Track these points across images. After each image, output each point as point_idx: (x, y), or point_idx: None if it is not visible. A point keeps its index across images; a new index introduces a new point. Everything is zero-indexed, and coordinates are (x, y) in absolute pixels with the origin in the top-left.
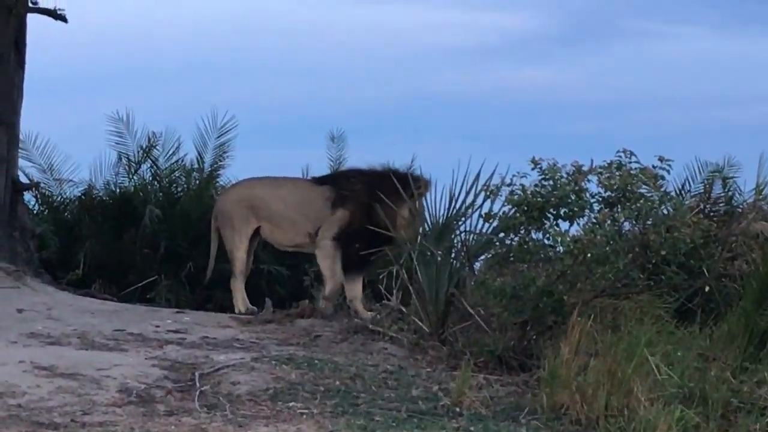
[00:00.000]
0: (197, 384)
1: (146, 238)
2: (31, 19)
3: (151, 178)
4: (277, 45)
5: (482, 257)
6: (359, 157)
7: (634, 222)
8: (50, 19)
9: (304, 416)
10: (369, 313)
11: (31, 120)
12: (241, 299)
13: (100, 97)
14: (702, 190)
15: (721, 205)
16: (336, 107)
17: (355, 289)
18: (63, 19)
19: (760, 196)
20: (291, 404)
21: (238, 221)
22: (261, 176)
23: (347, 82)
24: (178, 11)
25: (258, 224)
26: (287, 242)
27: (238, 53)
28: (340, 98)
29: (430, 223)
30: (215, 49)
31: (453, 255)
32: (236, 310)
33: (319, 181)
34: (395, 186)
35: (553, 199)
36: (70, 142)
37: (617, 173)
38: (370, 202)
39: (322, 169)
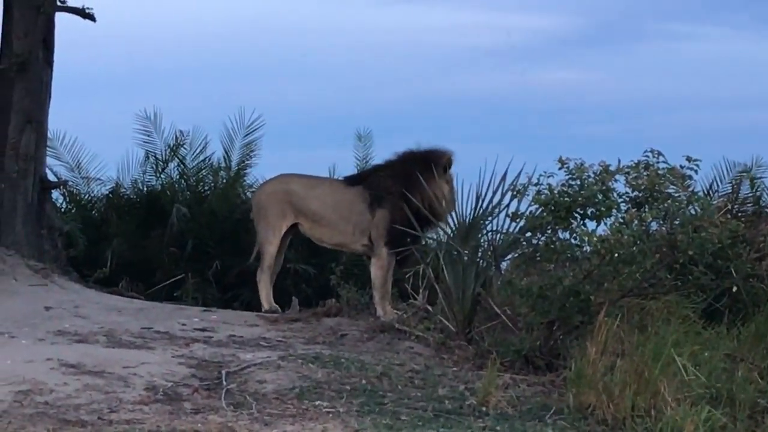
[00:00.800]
0: (224, 382)
1: (173, 236)
2: (60, 18)
3: (178, 177)
4: (304, 45)
5: (509, 257)
6: (386, 157)
7: (661, 222)
8: (78, 18)
9: (330, 415)
10: (393, 311)
11: (59, 118)
12: (265, 295)
13: (127, 96)
14: (730, 190)
15: (748, 205)
16: (362, 107)
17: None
18: (91, 18)
19: None
20: (317, 403)
21: (273, 216)
22: (299, 173)
23: (373, 83)
24: (206, 10)
25: (296, 220)
26: (327, 240)
27: (265, 53)
28: (366, 98)
29: (456, 222)
30: (243, 48)
31: (480, 254)
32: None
33: (351, 181)
34: (421, 167)
35: (580, 198)
36: (97, 141)
37: (645, 173)
38: (404, 192)
39: (349, 168)
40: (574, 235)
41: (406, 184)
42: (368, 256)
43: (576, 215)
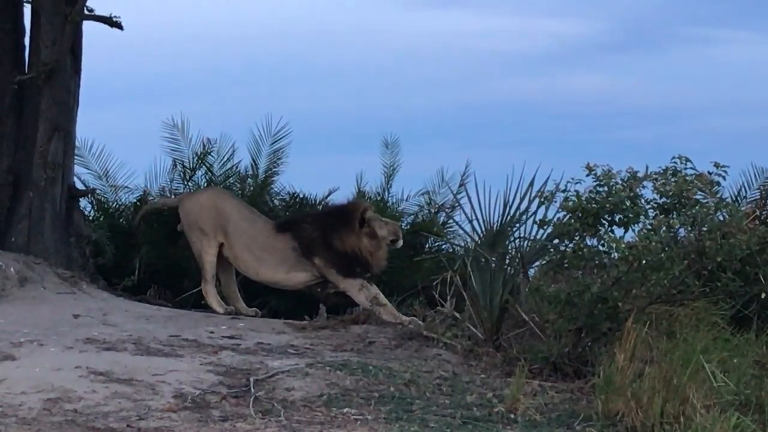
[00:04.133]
0: (252, 390)
1: None
2: (87, 26)
3: (205, 184)
4: (331, 51)
5: (536, 263)
6: (413, 164)
7: (689, 228)
8: (106, 27)
9: (359, 422)
10: (404, 317)
11: (87, 127)
12: (216, 302)
13: (155, 104)
14: (758, 196)
15: None
16: (390, 113)
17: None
18: (119, 26)
19: None
20: (345, 410)
21: (209, 227)
22: (233, 196)
23: (401, 89)
24: (232, 18)
25: (222, 240)
26: (252, 275)
27: (292, 59)
28: (393, 104)
29: (483, 229)
30: (270, 55)
31: (507, 261)
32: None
33: (281, 228)
34: (342, 220)
35: (607, 205)
36: (125, 149)
37: (672, 179)
38: (332, 242)
39: (375, 175)
40: (602, 241)
41: (326, 236)
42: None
43: (604, 222)
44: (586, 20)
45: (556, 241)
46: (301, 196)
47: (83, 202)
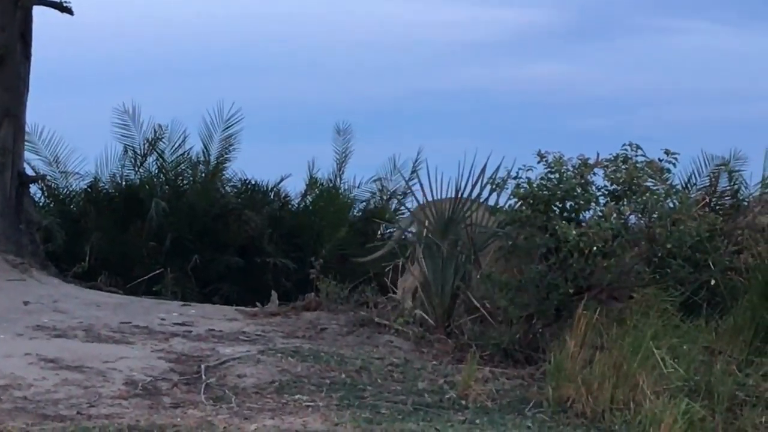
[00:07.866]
0: (203, 376)
1: (152, 230)
2: (37, 11)
3: (157, 171)
4: (284, 39)
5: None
6: (367, 152)
7: (639, 215)
8: (56, 12)
9: (310, 409)
10: None
11: (37, 113)
12: None
13: (106, 90)
14: (708, 184)
15: (726, 198)
16: (343, 102)
17: None
18: (69, 11)
19: (766, 189)
20: (297, 397)
21: None
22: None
23: (354, 77)
24: (184, 5)
25: None
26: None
27: (244, 46)
28: (347, 93)
29: (435, 215)
30: (222, 42)
31: (459, 248)
32: None
33: None
34: None
35: (558, 192)
36: (76, 135)
37: (623, 166)
38: None
39: (328, 162)
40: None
41: None
42: None
43: (555, 209)
44: (543, 9)
45: (507, 227)
46: (253, 183)
47: (33, 189)
